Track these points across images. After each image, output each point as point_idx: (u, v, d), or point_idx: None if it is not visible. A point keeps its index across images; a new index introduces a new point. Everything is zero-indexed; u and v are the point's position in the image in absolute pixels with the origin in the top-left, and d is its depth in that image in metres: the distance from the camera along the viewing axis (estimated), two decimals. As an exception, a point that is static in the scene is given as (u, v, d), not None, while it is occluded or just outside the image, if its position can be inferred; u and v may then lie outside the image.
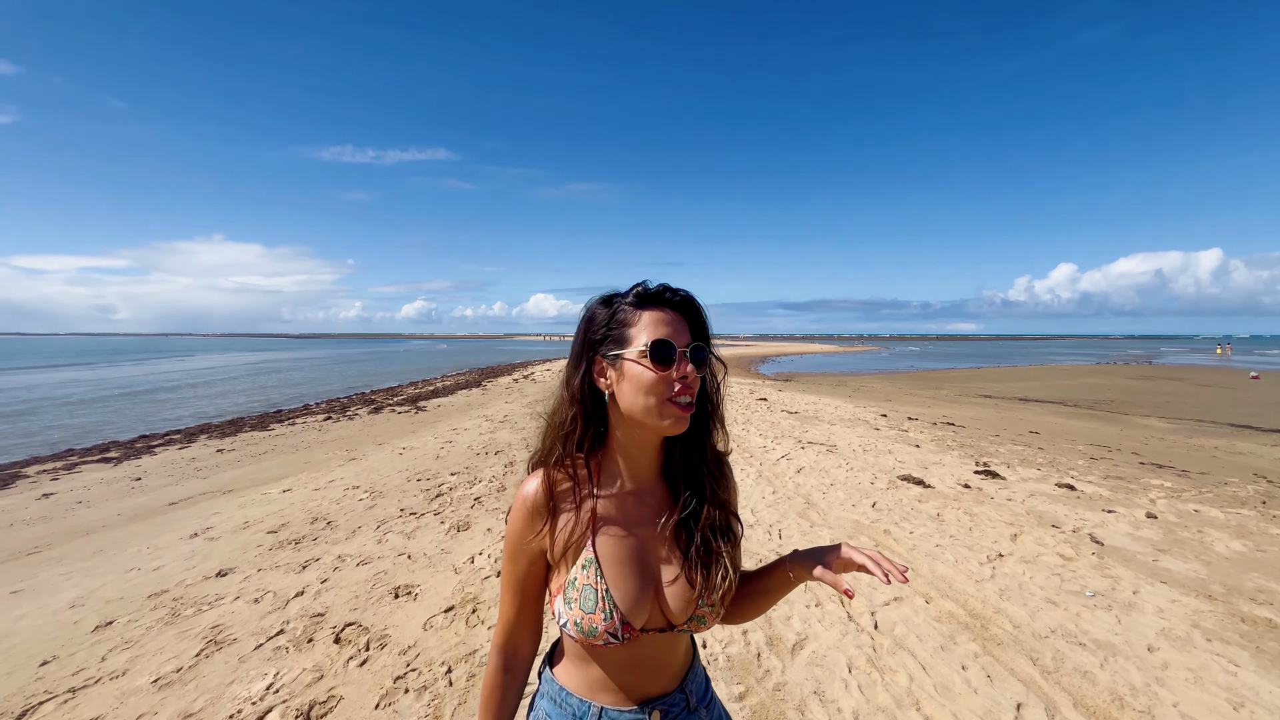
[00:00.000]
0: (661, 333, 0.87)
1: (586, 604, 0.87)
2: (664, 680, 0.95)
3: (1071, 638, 2.83)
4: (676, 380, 0.86)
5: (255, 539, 4.89)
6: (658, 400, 0.86)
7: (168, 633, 3.30)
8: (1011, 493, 5.41)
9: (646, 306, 0.90)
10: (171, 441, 11.94)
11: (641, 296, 0.91)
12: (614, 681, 0.92)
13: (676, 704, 0.95)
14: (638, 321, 0.89)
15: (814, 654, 2.74)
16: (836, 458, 7.03)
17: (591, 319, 0.93)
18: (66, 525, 6.06)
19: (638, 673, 0.92)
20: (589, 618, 0.87)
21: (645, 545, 0.92)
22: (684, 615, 0.91)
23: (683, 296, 0.92)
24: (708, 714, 1.00)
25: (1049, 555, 3.86)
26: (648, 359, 0.86)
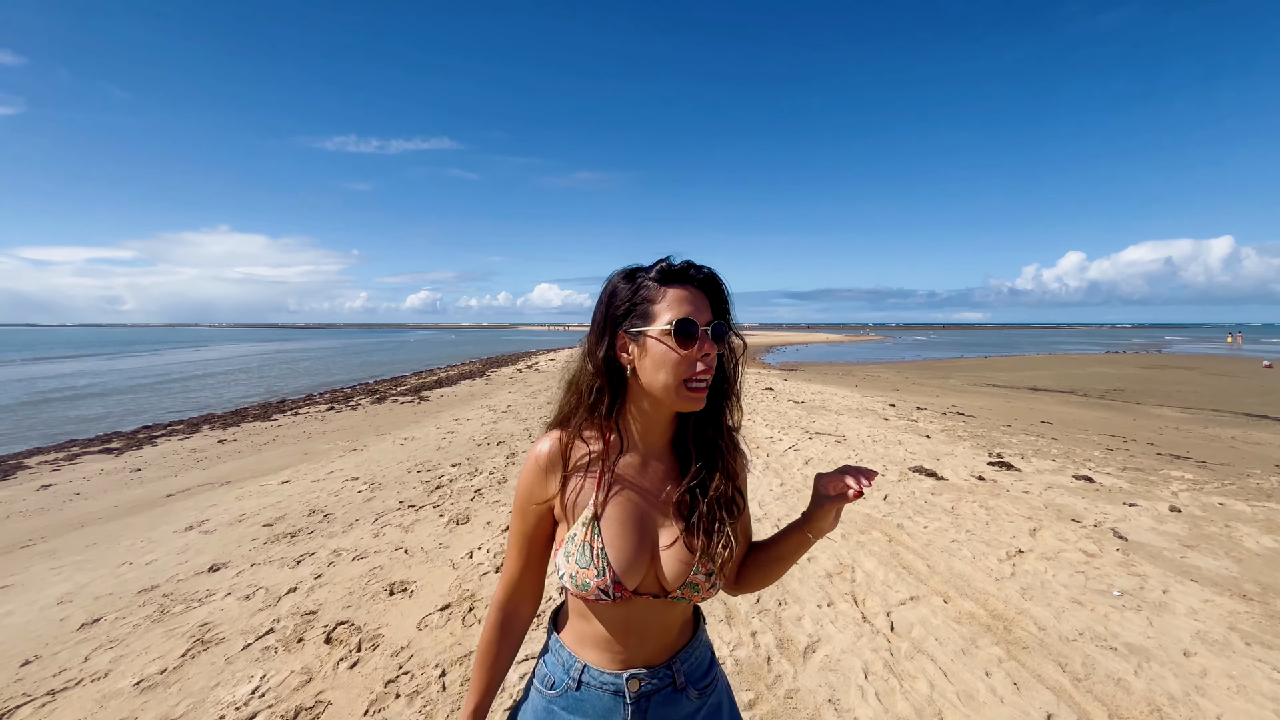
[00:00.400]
0: (685, 311, 0.89)
1: (582, 559, 0.90)
2: (650, 651, 0.95)
3: (1101, 641, 2.67)
4: (698, 359, 0.88)
5: (250, 532, 4.78)
6: (678, 378, 0.88)
7: (155, 631, 3.18)
8: (1028, 485, 5.24)
9: (670, 283, 0.91)
10: (174, 432, 11.88)
11: (665, 273, 0.92)
12: (601, 642, 0.95)
13: (660, 678, 0.95)
14: (661, 299, 0.90)
15: (827, 658, 2.60)
16: (845, 449, 6.86)
17: (614, 293, 0.94)
18: (62, 517, 5.98)
19: (626, 637, 0.94)
20: (583, 572, 0.90)
21: (647, 510, 0.94)
22: (677, 581, 0.92)
23: (706, 274, 0.94)
24: (699, 697, 0.98)
25: (1071, 551, 3.69)
26: (671, 337, 0.88)
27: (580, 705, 0.94)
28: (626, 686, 0.93)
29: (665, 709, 0.95)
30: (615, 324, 0.93)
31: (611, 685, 0.94)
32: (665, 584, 0.92)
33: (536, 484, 0.96)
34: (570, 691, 0.95)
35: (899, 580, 3.33)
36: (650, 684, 0.94)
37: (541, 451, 0.96)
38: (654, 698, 0.94)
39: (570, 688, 0.95)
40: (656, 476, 0.97)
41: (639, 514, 0.94)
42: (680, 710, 0.96)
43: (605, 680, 0.94)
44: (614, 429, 0.96)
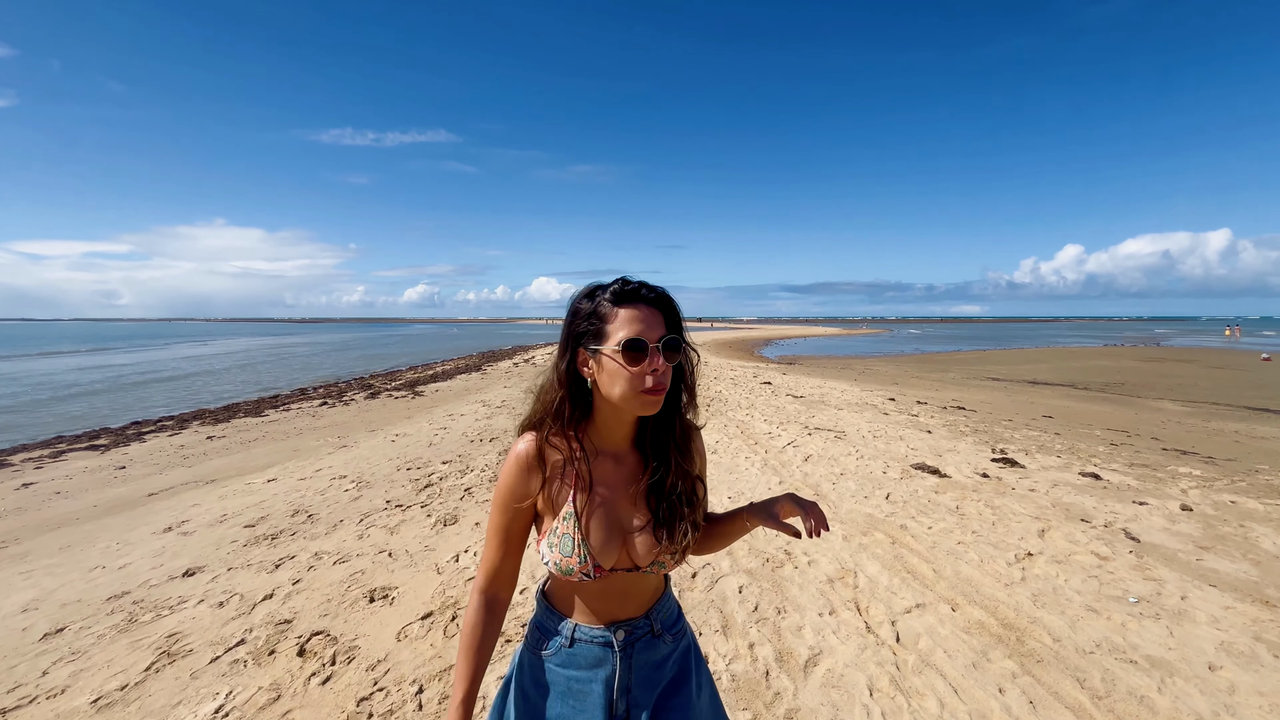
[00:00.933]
0: (635, 330, 0.99)
1: (565, 549, 1.03)
2: (630, 608, 1.10)
3: (1120, 654, 2.51)
4: (648, 374, 0.98)
5: (230, 534, 4.61)
6: (632, 391, 0.98)
7: (120, 642, 3.02)
8: (1034, 483, 5.09)
9: (623, 303, 1.01)
10: (164, 428, 11.68)
11: (619, 293, 1.02)
12: (588, 606, 1.09)
13: (641, 628, 1.10)
14: (615, 318, 1.00)
15: (830, 673, 2.44)
16: (845, 445, 6.70)
17: (576, 312, 1.05)
18: (39, 517, 5.80)
19: (608, 601, 1.08)
20: (566, 559, 1.03)
21: (617, 502, 1.07)
22: (647, 560, 1.06)
23: (657, 293, 1.04)
24: (673, 641, 1.14)
25: (1082, 554, 3.54)
26: (622, 354, 0.98)
27: (573, 659, 1.08)
28: (614, 637, 1.08)
29: (646, 652, 1.10)
30: (576, 340, 1.04)
31: (601, 638, 1.08)
32: (637, 561, 1.06)
33: (519, 483, 1.06)
34: (564, 649, 1.08)
35: (904, 586, 3.17)
36: (633, 634, 1.09)
37: (521, 452, 1.06)
38: (637, 644, 1.09)
39: (564, 645, 1.08)
40: (624, 471, 1.09)
41: (611, 506, 1.07)
42: (658, 653, 1.11)
43: (595, 635, 1.08)
44: (584, 431, 1.09)
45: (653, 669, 1.10)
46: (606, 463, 1.09)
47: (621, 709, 1.07)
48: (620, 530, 1.06)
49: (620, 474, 1.09)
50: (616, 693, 1.07)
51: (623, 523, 1.06)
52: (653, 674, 1.10)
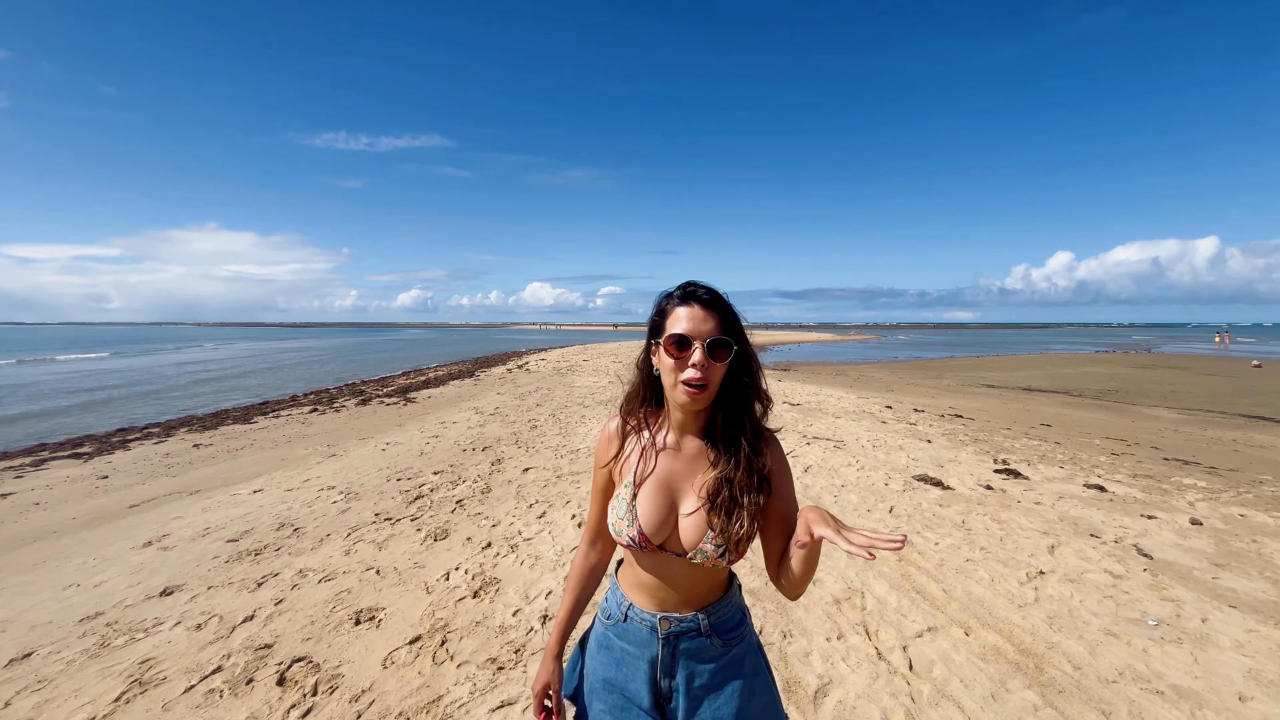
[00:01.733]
0: (682, 327, 1.09)
1: (619, 511, 1.15)
2: (678, 599, 1.15)
3: (1145, 683, 2.40)
4: (688, 366, 1.07)
5: (212, 549, 4.44)
6: (674, 380, 1.10)
7: (90, 669, 2.85)
8: (1039, 495, 4.99)
9: (682, 303, 1.12)
10: (149, 435, 11.44)
11: (678, 295, 1.14)
12: (644, 587, 1.17)
13: (690, 624, 1.15)
14: (672, 315, 1.12)
15: (841, 704, 2.31)
16: (845, 454, 6.59)
17: (654, 311, 1.18)
18: (14, 531, 5.59)
19: (658, 585, 1.16)
20: (619, 522, 1.15)
21: (676, 483, 1.15)
22: (691, 545, 1.10)
23: (709, 295, 1.12)
24: (723, 645, 1.15)
25: (1095, 572, 3.43)
26: (667, 347, 1.10)
27: (626, 634, 1.18)
28: (659, 625, 1.15)
29: (690, 647, 1.15)
30: (650, 333, 1.18)
31: (648, 622, 1.16)
32: (684, 543, 1.11)
33: (602, 451, 1.25)
34: (620, 623, 1.19)
35: (913, 608, 3.05)
36: (679, 626, 1.15)
37: (607, 428, 1.26)
38: (682, 638, 1.15)
39: (620, 619, 1.19)
40: (688, 456, 1.17)
41: (668, 484, 1.15)
42: (705, 653, 1.15)
43: (644, 617, 1.16)
44: (657, 415, 1.22)
45: (697, 664, 1.15)
46: (673, 445, 1.18)
47: (666, 687, 1.15)
48: (672, 508, 1.13)
49: (685, 458, 1.16)
50: (660, 672, 1.15)
51: (676, 501, 1.14)
52: (697, 668, 1.14)
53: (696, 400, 1.08)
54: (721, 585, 1.20)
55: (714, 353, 1.07)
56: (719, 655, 1.15)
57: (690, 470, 1.15)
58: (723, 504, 1.09)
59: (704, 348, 1.06)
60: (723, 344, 1.08)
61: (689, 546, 1.10)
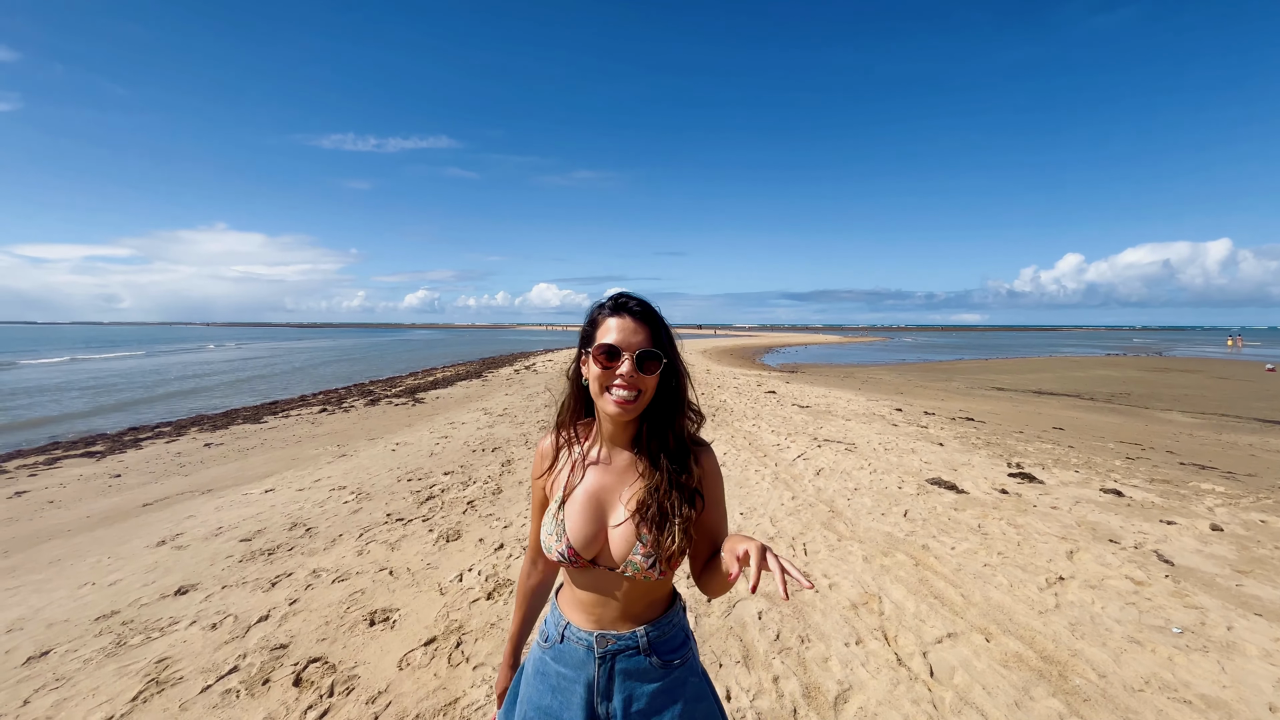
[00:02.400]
0: (611, 338, 1.08)
1: (549, 526, 1.14)
2: (614, 616, 1.12)
3: (1171, 692, 2.36)
4: (617, 376, 1.06)
5: (226, 548, 4.45)
6: (600, 390, 1.09)
7: (107, 667, 2.86)
8: (1055, 499, 4.93)
9: (613, 314, 1.11)
10: (161, 434, 11.51)
11: (609, 305, 1.13)
12: (581, 605, 1.14)
13: (627, 641, 1.11)
14: (602, 325, 1.11)
15: (862, 710, 2.28)
16: (857, 458, 6.55)
17: (586, 320, 1.16)
18: (30, 529, 5.64)
19: (595, 602, 1.12)
20: (549, 538, 1.13)
21: (604, 495, 1.13)
22: (621, 558, 1.08)
23: (640, 306, 1.12)
24: (663, 669, 1.11)
25: (1116, 578, 3.38)
26: (597, 357, 1.08)
27: (563, 656, 1.13)
28: (595, 643, 1.11)
29: (628, 666, 1.10)
30: (581, 344, 1.15)
31: (585, 641, 1.12)
32: (615, 559, 1.09)
33: (537, 466, 1.24)
34: (556, 644, 1.15)
35: (932, 613, 3.02)
36: (616, 644, 1.11)
37: (543, 445, 1.24)
38: (619, 656, 1.10)
39: (557, 641, 1.15)
40: (618, 469, 1.15)
41: (597, 497, 1.13)
42: (644, 674, 1.11)
43: (581, 636, 1.12)
44: (587, 428, 1.21)
45: (636, 686, 1.10)
46: (601, 461, 1.17)
47: (603, 712, 1.10)
48: (601, 521, 1.12)
49: (612, 470, 1.15)
50: (598, 696, 1.10)
51: (604, 515, 1.12)
52: (636, 690, 1.10)
53: (626, 411, 1.07)
54: (662, 602, 1.17)
55: (643, 365, 1.06)
56: (659, 677, 1.11)
57: (619, 483, 1.14)
58: (652, 517, 1.07)
59: (633, 359, 1.06)
60: (652, 356, 1.07)
61: (619, 559, 1.08)
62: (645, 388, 1.07)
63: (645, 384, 1.07)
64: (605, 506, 1.13)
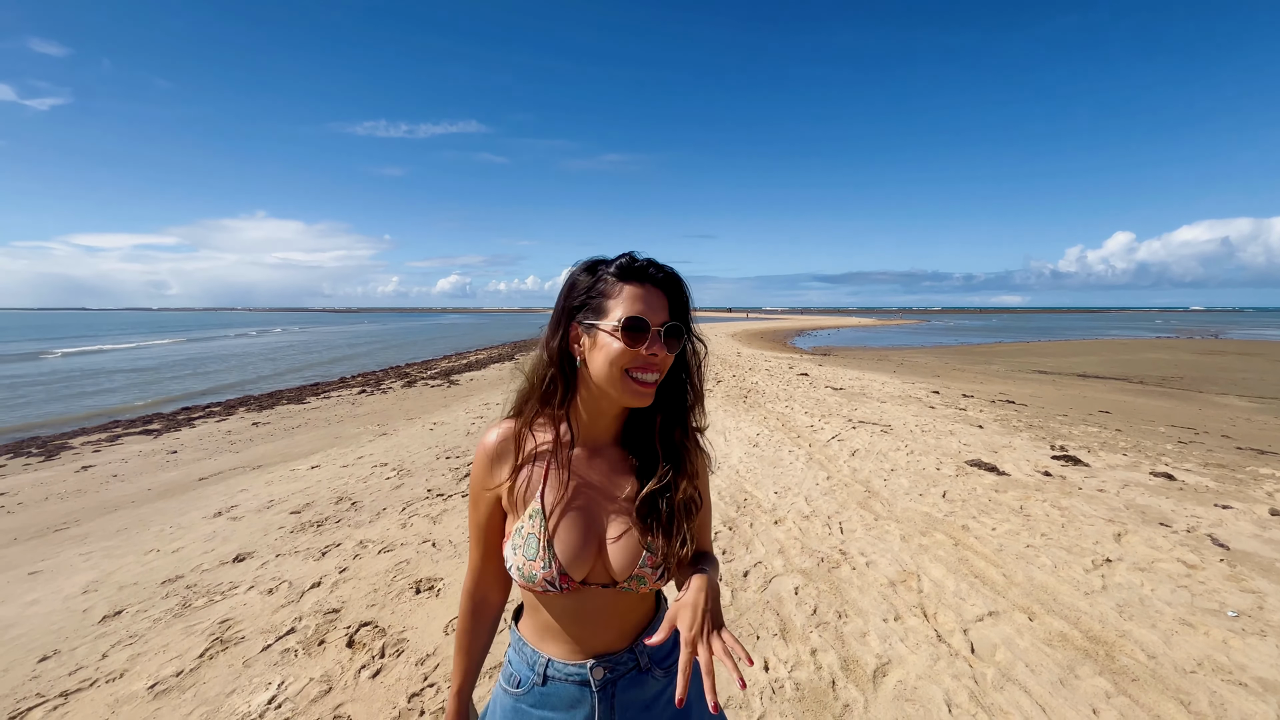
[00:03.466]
0: (637, 309, 0.89)
1: (529, 551, 0.90)
2: (611, 637, 0.95)
3: (1226, 674, 2.30)
4: (646, 357, 0.88)
5: (278, 520, 4.66)
6: (622, 374, 0.89)
7: (175, 626, 3.04)
8: (1101, 482, 4.79)
9: (629, 280, 0.91)
10: (212, 413, 12.04)
11: (625, 269, 0.92)
12: (562, 634, 0.94)
13: (624, 663, 0.95)
14: (617, 294, 0.91)
15: (901, 684, 2.29)
16: (893, 439, 6.46)
17: (574, 284, 0.95)
18: (97, 500, 5.99)
19: (583, 625, 0.94)
20: (530, 564, 0.90)
21: (594, 502, 0.94)
22: (625, 573, 0.92)
23: (666, 274, 0.94)
24: (665, 677, 0.98)
25: (1167, 561, 3.28)
26: (620, 333, 0.88)
27: (547, 700, 0.94)
28: (591, 675, 0.94)
29: (631, 691, 0.95)
30: (570, 314, 0.94)
31: (577, 676, 0.94)
32: (613, 574, 0.92)
33: (485, 474, 0.97)
34: (537, 687, 0.95)
35: (973, 592, 2.99)
36: (615, 670, 0.95)
37: (489, 441, 0.97)
38: (619, 682, 0.95)
39: (536, 684, 0.95)
40: (603, 470, 0.97)
41: (586, 506, 0.94)
42: (647, 691, 0.96)
43: (570, 672, 0.94)
44: (564, 420, 0.96)
45: (640, 709, 0.96)
46: (585, 459, 0.97)
47: None
48: (596, 534, 0.93)
49: (600, 472, 0.97)
50: None
51: (599, 527, 0.94)
52: (640, 715, 0.96)
53: (645, 397, 0.91)
54: (652, 606, 1.03)
55: (669, 342, 0.90)
56: (661, 690, 0.98)
57: (610, 485, 0.97)
58: (664, 522, 0.93)
59: (662, 336, 0.89)
60: (678, 332, 0.92)
61: (620, 575, 0.92)
62: (665, 370, 0.93)
63: (667, 364, 0.93)
64: (598, 515, 0.95)
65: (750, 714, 2.15)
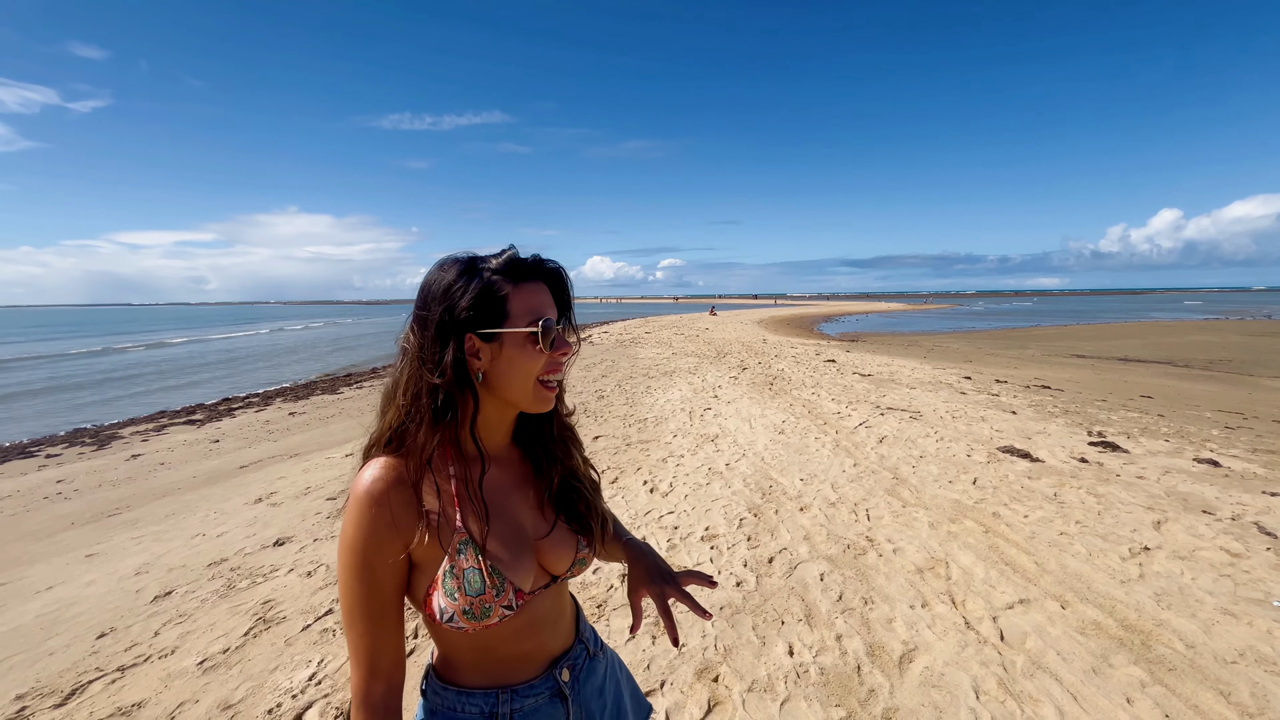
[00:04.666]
0: (545, 311, 0.84)
1: (473, 588, 0.79)
2: (562, 634, 0.94)
3: (1269, 665, 2.23)
4: (560, 359, 0.85)
5: (314, 506, 4.82)
6: (533, 380, 0.84)
7: (221, 606, 3.19)
8: (1141, 469, 4.65)
9: (525, 279, 0.85)
10: (250, 404, 12.46)
11: (517, 267, 0.84)
12: (517, 654, 0.87)
13: (579, 655, 0.95)
14: (517, 296, 0.83)
15: (928, 671, 2.27)
16: (922, 425, 6.35)
17: (452, 289, 0.82)
18: (147, 486, 6.27)
19: (537, 635, 0.89)
20: (479, 600, 0.79)
21: (513, 510, 0.89)
22: (565, 565, 0.90)
23: (554, 267, 0.89)
24: (604, 656, 1.00)
25: (1209, 550, 3.18)
26: (534, 337, 0.82)
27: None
28: (560, 679, 0.90)
29: (589, 680, 0.95)
30: (461, 325, 0.81)
31: (547, 689, 0.89)
32: (555, 569, 0.90)
33: (384, 527, 0.77)
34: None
35: (1003, 579, 2.94)
36: (577, 665, 0.94)
37: (377, 488, 0.78)
38: (580, 675, 0.94)
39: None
40: (510, 475, 0.92)
41: (508, 517, 0.88)
42: (598, 675, 0.97)
43: (539, 690, 0.88)
44: (452, 441, 0.84)
45: (597, 695, 0.96)
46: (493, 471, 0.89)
47: None
48: (526, 541, 0.88)
49: (506, 478, 0.90)
50: None
51: (527, 531, 0.89)
52: (598, 701, 0.96)
53: (552, 400, 0.87)
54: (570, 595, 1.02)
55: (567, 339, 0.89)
56: (605, 670, 1.00)
57: (519, 487, 0.92)
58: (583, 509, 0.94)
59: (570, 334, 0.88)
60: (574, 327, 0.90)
61: (561, 568, 0.90)
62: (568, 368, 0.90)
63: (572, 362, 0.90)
64: (520, 522, 0.89)
65: (775, 698, 2.17)
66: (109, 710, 2.35)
